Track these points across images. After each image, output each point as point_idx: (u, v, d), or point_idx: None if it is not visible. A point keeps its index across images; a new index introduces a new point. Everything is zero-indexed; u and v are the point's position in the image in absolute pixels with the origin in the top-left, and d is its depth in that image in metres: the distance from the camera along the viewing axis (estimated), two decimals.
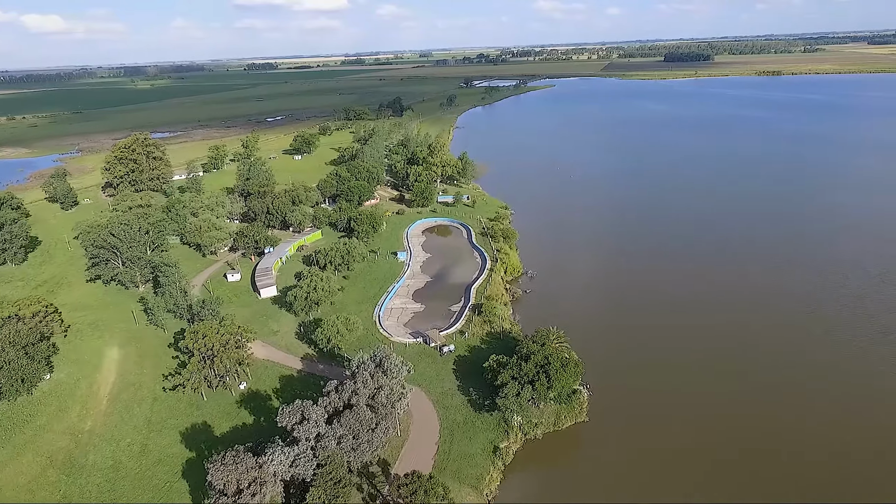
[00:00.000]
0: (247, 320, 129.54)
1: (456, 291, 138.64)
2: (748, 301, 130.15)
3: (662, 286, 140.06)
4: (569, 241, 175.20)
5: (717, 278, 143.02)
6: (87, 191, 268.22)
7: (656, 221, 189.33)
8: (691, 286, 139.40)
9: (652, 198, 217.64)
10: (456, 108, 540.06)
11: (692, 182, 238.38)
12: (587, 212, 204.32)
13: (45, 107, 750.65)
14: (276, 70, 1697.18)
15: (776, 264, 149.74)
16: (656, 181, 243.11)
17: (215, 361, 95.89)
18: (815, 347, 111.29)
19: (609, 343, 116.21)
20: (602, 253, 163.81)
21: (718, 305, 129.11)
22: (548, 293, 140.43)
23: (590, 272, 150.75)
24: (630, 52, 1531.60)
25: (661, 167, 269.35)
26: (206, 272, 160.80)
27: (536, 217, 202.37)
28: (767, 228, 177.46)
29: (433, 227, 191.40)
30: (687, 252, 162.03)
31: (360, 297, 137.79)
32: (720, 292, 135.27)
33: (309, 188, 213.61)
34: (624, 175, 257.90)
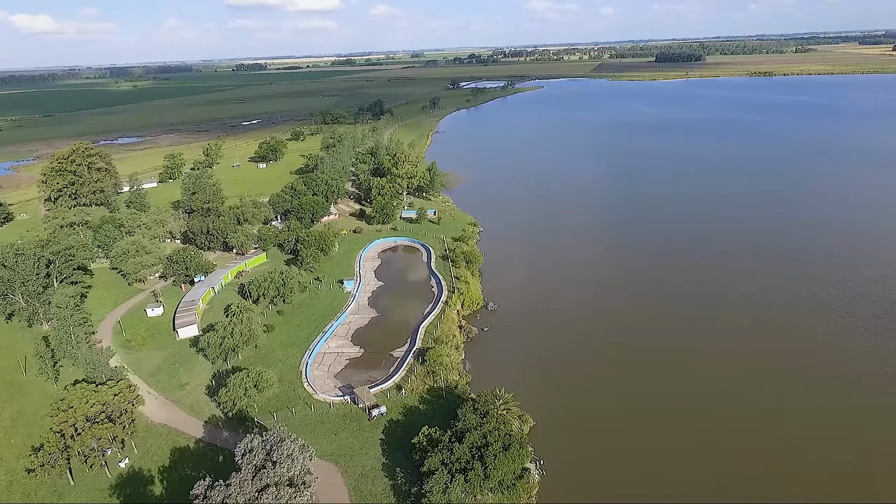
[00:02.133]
0: (154, 369, 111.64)
1: (402, 331, 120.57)
2: (751, 350, 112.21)
3: (645, 325, 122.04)
4: (540, 265, 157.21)
5: (712, 319, 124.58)
6: (28, 204, 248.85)
7: (641, 244, 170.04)
8: (681, 327, 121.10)
9: (638, 214, 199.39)
10: (439, 110, 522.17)
11: (681, 196, 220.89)
12: (564, 229, 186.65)
13: (17, 109, 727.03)
14: (266, 71, 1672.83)
15: (778, 311, 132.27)
16: (642, 193, 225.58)
17: (77, 441, 77.34)
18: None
19: (577, 397, 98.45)
20: (577, 281, 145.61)
21: (715, 353, 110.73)
22: (509, 331, 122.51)
23: (561, 305, 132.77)
24: (622, 53, 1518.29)
25: (646, 177, 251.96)
26: (126, 305, 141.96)
27: (507, 235, 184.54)
28: (775, 266, 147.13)
29: (391, 248, 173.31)
30: (676, 284, 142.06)
31: (291, 339, 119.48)
32: (716, 337, 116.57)
33: (260, 204, 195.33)
34: (607, 186, 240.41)
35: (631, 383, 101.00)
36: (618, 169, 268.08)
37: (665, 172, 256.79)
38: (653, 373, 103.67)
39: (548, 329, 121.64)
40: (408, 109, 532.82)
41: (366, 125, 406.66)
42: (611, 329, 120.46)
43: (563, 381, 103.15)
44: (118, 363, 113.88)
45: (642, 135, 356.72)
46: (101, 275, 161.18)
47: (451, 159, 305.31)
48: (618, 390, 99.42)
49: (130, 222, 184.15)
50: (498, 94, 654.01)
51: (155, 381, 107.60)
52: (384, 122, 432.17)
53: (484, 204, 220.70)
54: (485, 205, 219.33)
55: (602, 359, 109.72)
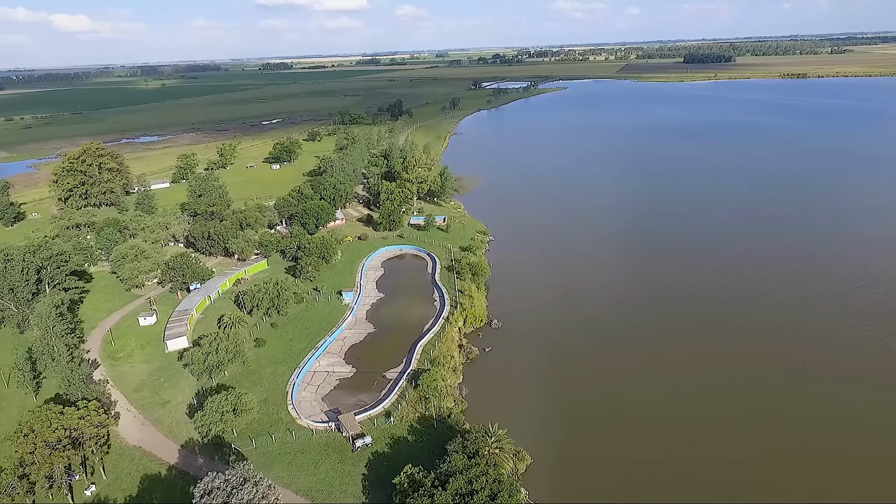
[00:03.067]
0: (138, 384, 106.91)
1: (399, 349, 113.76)
2: (791, 391, 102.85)
3: (664, 354, 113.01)
4: (551, 279, 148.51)
5: (738, 354, 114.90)
6: (41, 203, 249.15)
7: (661, 261, 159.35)
8: (704, 360, 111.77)
9: (660, 228, 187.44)
10: (459, 111, 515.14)
11: (707, 211, 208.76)
12: (579, 241, 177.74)
13: (48, 107, 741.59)
14: (291, 70, 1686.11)
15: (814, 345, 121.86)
16: (664, 205, 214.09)
17: (33, 469, 72.33)
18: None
19: (582, 432, 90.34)
20: (590, 299, 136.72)
21: (741, 392, 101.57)
22: (512, 352, 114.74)
23: (571, 325, 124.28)
24: (649, 53, 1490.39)
25: (670, 188, 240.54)
26: (121, 312, 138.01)
27: (518, 245, 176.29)
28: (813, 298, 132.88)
29: (396, 257, 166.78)
30: (700, 310, 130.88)
31: (282, 354, 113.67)
32: (740, 376, 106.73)
33: (265, 208, 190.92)
34: (627, 196, 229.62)
35: (644, 419, 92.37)
36: (639, 177, 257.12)
37: (690, 182, 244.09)
38: (671, 409, 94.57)
39: (555, 352, 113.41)
40: (427, 110, 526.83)
41: (383, 126, 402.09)
42: (625, 355, 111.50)
43: (568, 412, 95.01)
44: (102, 376, 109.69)
45: (667, 140, 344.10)
46: (101, 279, 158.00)
47: (467, 162, 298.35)
48: (629, 426, 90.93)
49: (134, 225, 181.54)
50: (520, 95, 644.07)
51: (137, 397, 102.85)
52: (402, 123, 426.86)
53: (496, 210, 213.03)
54: (497, 211, 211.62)
55: (613, 388, 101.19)
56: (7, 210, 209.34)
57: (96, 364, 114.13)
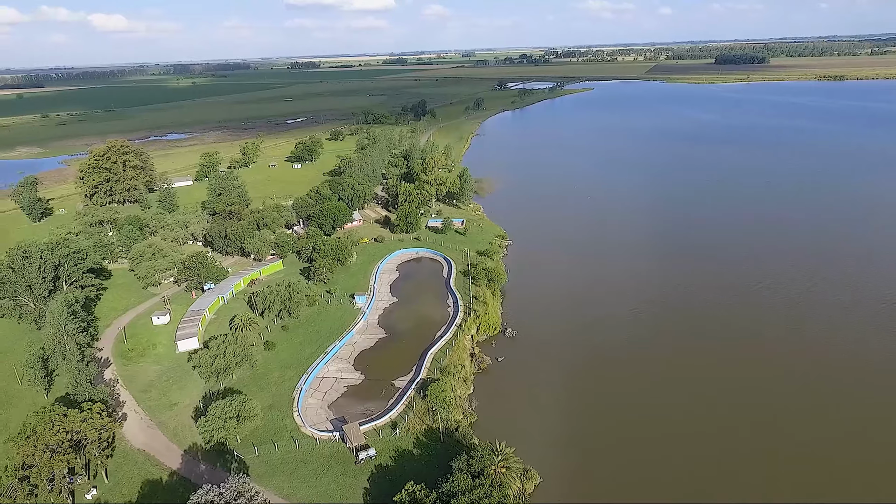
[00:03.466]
0: (147, 384, 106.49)
1: (409, 357, 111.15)
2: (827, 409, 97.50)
3: (685, 366, 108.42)
4: (569, 287, 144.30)
5: (767, 378, 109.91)
6: (68, 199, 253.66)
7: (686, 270, 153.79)
8: (727, 378, 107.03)
9: (685, 236, 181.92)
10: (482, 112, 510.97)
11: (736, 218, 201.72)
12: (600, 247, 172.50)
13: (83, 104, 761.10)
14: (319, 69, 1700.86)
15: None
16: (691, 211, 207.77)
17: (34, 472, 71.69)
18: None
19: (595, 449, 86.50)
20: (609, 309, 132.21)
21: (768, 415, 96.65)
22: (526, 363, 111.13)
23: (589, 336, 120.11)
24: (679, 54, 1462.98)
25: (696, 193, 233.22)
26: (136, 310, 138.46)
27: (537, 250, 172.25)
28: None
29: (412, 260, 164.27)
30: (726, 324, 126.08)
31: (291, 359, 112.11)
32: (769, 398, 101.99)
33: (283, 208, 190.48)
34: (651, 201, 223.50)
35: (664, 439, 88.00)
36: (665, 182, 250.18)
37: (718, 189, 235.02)
38: (693, 430, 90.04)
39: (570, 364, 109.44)
40: (451, 110, 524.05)
41: (405, 126, 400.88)
42: (645, 370, 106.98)
43: (582, 429, 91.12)
44: (112, 375, 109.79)
45: (695, 144, 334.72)
46: (120, 276, 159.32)
47: (489, 164, 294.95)
48: (646, 446, 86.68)
49: (154, 222, 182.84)
50: (545, 96, 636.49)
51: (145, 398, 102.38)
52: (424, 123, 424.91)
53: (516, 213, 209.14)
54: (517, 214, 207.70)
55: (631, 405, 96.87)
56: (34, 206, 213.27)
57: (108, 363, 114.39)
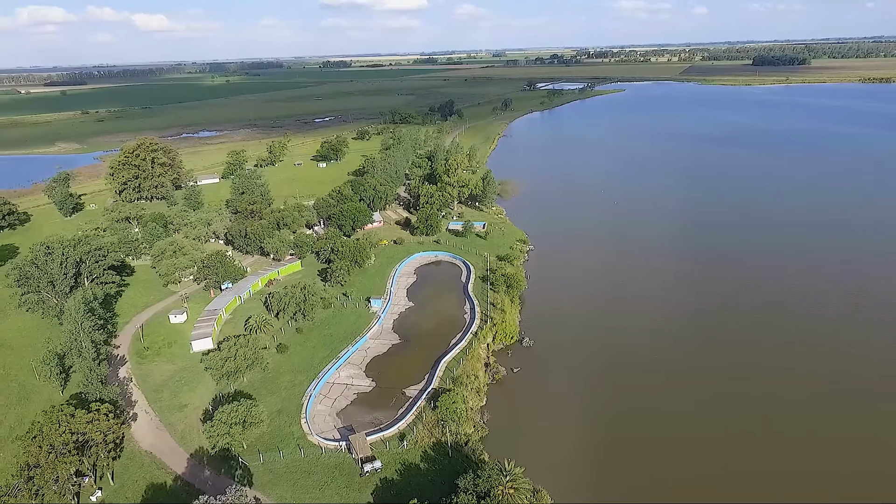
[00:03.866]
0: (160, 384, 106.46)
1: (422, 364, 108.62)
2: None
3: (714, 382, 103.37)
4: (591, 296, 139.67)
5: (805, 394, 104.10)
6: (100, 195, 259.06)
7: (717, 281, 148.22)
8: (759, 395, 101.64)
9: (716, 244, 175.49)
10: (510, 113, 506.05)
11: (770, 225, 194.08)
12: (625, 255, 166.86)
13: (121, 101, 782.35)
14: (350, 68, 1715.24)
15: None
16: (722, 219, 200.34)
17: (38, 473, 71.53)
18: None
19: (612, 470, 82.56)
20: (632, 321, 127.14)
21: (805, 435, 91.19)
22: (542, 375, 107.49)
23: (609, 348, 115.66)
24: (715, 55, 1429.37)
25: (728, 200, 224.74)
26: (155, 307, 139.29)
27: (559, 256, 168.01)
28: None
29: (430, 263, 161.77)
30: (757, 337, 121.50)
31: (303, 363, 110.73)
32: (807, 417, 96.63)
33: (304, 207, 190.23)
34: (681, 208, 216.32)
35: (687, 461, 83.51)
36: (697, 188, 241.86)
37: (753, 197, 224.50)
38: (721, 454, 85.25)
39: (589, 377, 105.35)
40: (479, 111, 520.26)
41: (432, 126, 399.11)
42: (669, 387, 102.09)
43: (599, 448, 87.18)
44: (127, 374, 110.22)
45: (729, 148, 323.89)
46: (143, 272, 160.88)
47: (514, 166, 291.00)
48: (668, 468, 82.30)
49: (178, 220, 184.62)
50: (575, 97, 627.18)
51: (156, 398, 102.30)
52: (451, 123, 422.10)
53: (539, 217, 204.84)
54: (540, 218, 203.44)
55: (653, 424, 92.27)
56: (66, 201, 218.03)
57: (123, 361, 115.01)
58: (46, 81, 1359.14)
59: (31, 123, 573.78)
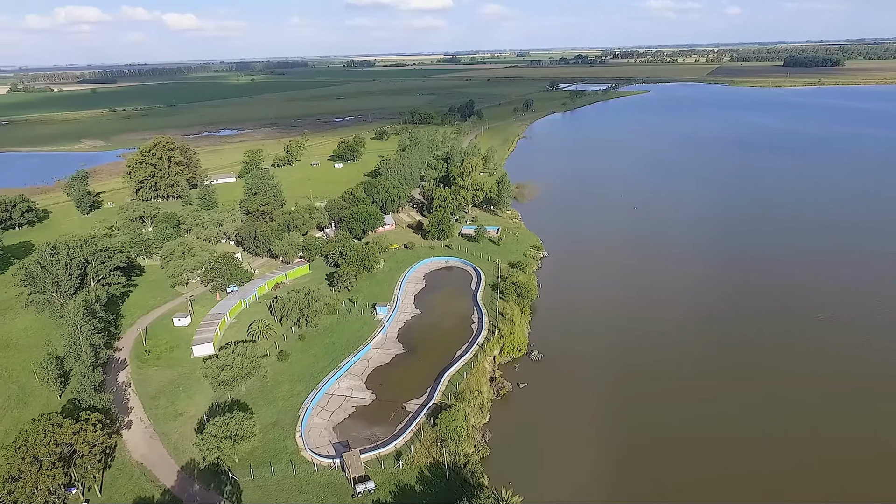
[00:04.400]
0: (157, 390, 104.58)
1: (425, 377, 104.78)
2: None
3: (736, 408, 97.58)
4: (605, 307, 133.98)
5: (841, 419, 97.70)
6: (118, 192, 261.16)
7: (741, 297, 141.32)
8: (789, 420, 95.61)
9: (744, 255, 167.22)
10: (531, 114, 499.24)
11: (797, 232, 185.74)
12: (643, 263, 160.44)
13: (148, 99, 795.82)
14: (373, 68, 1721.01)
15: None
16: (750, 228, 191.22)
17: (18, 485, 69.53)
18: None
19: (619, 497, 77.63)
20: (650, 333, 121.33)
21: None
22: (550, 392, 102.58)
23: (623, 365, 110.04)
24: (745, 56, 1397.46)
25: (757, 207, 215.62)
26: (161, 309, 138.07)
27: (574, 264, 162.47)
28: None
29: (441, 269, 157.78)
30: (786, 356, 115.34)
31: (303, 372, 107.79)
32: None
33: (315, 209, 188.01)
34: (704, 214, 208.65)
35: (705, 496, 78.06)
36: (721, 195, 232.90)
37: (783, 204, 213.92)
38: (741, 486, 79.72)
39: (600, 396, 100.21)
40: (499, 111, 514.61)
41: (450, 127, 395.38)
42: (685, 409, 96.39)
43: (607, 475, 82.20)
44: (126, 379, 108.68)
45: (756, 152, 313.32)
46: (152, 272, 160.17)
47: (533, 168, 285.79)
48: (685, 498, 77.03)
49: (190, 220, 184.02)
50: (598, 98, 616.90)
51: (153, 405, 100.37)
52: (470, 124, 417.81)
53: (555, 222, 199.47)
54: (556, 224, 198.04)
55: (669, 451, 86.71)
56: (84, 199, 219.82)
57: (124, 364, 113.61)
58: (79, 79, 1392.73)
59: (61, 121, 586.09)
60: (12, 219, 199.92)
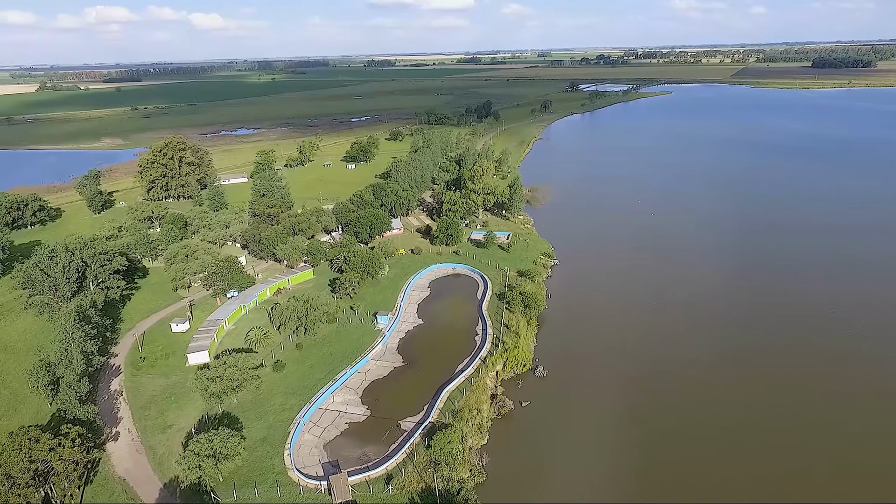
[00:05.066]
0: (148, 400, 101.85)
1: (423, 392, 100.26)
2: None
3: (764, 440, 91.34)
4: (617, 321, 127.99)
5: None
6: (132, 192, 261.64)
7: (765, 316, 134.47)
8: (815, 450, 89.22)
9: (771, 269, 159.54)
10: (549, 115, 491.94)
11: (837, 253, 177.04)
12: (661, 272, 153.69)
13: (170, 98, 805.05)
14: (393, 67, 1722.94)
15: None
16: (779, 242, 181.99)
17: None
18: None
19: None
20: (667, 350, 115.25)
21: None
22: (555, 411, 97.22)
23: (635, 384, 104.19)
24: (771, 56, 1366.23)
25: (787, 220, 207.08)
26: (162, 313, 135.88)
27: (585, 273, 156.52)
28: None
29: (447, 276, 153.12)
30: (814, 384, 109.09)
31: (298, 384, 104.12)
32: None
33: (323, 212, 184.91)
34: (727, 222, 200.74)
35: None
36: (741, 200, 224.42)
37: (814, 218, 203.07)
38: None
39: (607, 416, 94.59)
40: (516, 112, 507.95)
41: (466, 128, 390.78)
42: (703, 435, 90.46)
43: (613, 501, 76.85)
44: (118, 387, 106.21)
45: (779, 158, 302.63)
46: (157, 275, 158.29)
47: (548, 171, 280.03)
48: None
49: (197, 221, 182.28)
50: (618, 100, 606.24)
51: (142, 415, 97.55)
52: (486, 125, 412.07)
53: (569, 228, 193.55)
54: (570, 230, 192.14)
55: (680, 481, 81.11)
56: (95, 198, 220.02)
57: (118, 371, 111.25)
58: (105, 78, 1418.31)
59: (84, 119, 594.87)
60: (24, 218, 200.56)
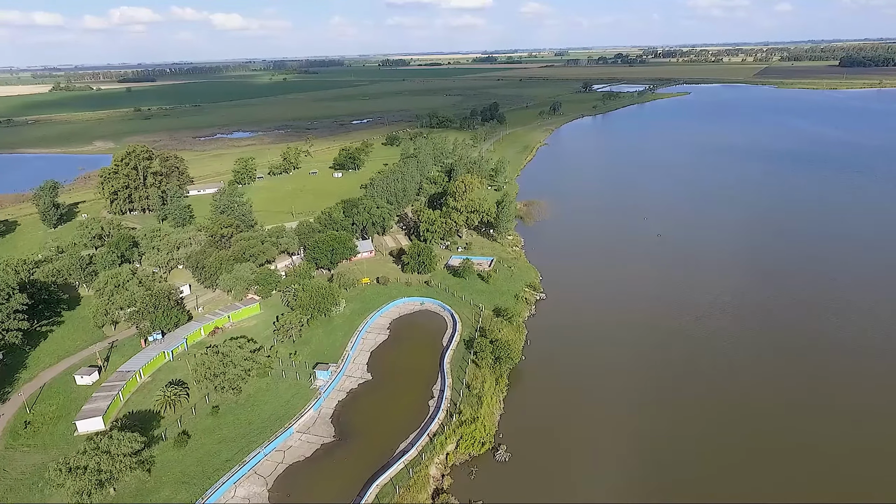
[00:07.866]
0: (9, 485, 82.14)
1: (350, 482, 79.14)
2: None
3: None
4: (607, 379, 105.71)
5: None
6: (97, 203, 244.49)
7: (782, 371, 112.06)
8: None
9: (792, 306, 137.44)
10: (558, 117, 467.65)
11: (851, 277, 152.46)
12: (668, 309, 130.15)
13: (177, 99, 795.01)
14: (407, 67, 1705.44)
15: None
16: (804, 268, 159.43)
17: None
18: None
19: None
20: (666, 431, 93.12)
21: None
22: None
23: (622, 475, 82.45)
24: (796, 55, 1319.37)
25: (817, 243, 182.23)
26: (71, 359, 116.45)
27: (575, 310, 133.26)
28: None
29: (413, 313, 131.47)
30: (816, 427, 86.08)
31: (196, 469, 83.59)
32: None
33: (284, 232, 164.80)
34: (748, 250, 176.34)
35: None
36: (763, 219, 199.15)
37: (848, 241, 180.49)
38: None
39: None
40: (524, 114, 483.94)
41: (468, 132, 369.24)
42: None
43: None
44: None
45: (803, 167, 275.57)
46: (88, 306, 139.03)
47: (549, 182, 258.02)
48: None
49: (145, 242, 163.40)
50: (633, 101, 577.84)
51: None
52: (488, 129, 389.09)
53: (562, 251, 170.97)
54: (563, 253, 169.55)
55: None
56: (49, 211, 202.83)
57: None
58: (120, 78, 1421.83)
59: (84, 120, 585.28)
60: None
